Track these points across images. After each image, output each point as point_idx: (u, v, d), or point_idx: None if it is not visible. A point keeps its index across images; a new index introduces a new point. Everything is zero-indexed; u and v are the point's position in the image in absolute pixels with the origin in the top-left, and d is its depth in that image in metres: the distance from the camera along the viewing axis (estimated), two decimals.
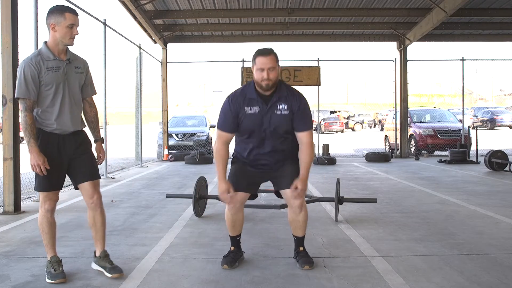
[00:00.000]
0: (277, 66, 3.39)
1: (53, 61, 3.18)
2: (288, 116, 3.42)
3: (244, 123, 3.44)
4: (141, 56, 12.22)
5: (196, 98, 62.24)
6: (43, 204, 3.29)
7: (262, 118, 3.41)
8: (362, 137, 27.96)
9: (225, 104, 3.49)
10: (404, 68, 14.39)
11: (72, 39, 3.19)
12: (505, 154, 10.10)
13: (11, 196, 5.71)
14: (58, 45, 3.19)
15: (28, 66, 3.11)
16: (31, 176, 6.94)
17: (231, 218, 3.59)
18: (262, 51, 3.39)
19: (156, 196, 7.00)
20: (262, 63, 3.33)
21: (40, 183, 3.24)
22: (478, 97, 62.12)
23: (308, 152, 3.44)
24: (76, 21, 3.18)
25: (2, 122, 5.80)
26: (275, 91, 3.43)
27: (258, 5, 12.01)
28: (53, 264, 3.24)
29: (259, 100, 3.42)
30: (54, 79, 3.16)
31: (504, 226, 4.85)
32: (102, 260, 3.36)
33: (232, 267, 3.53)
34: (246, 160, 3.58)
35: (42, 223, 3.29)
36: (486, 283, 3.16)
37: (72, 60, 3.28)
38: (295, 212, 3.51)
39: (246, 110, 3.42)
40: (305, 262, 3.50)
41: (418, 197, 6.75)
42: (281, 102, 3.42)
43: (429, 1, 11.31)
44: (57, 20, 3.13)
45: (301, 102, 3.45)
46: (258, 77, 3.37)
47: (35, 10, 6.41)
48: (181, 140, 14.15)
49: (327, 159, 12.15)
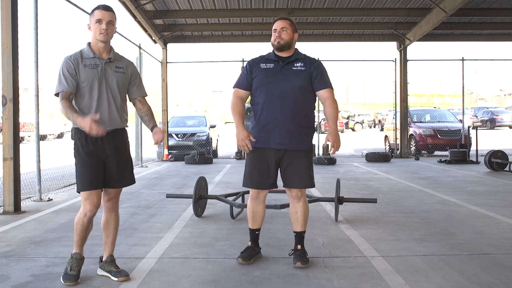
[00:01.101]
0: (290, 29, 3.54)
1: (92, 58, 3.20)
2: (304, 72, 3.53)
3: (257, 78, 3.56)
4: (141, 56, 12.22)
5: (196, 98, 62.19)
6: (84, 206, 3.20)
7: (276, 73, 3.53)
8: (362, 137, 27.96)
9: (244, 66, 3.69)
10: (404, 68, 14.40)
11: (103, 35, 3.15)
12: (505, 154, 10.10)
13: (11, 196, 5.71)
14: (97, 44, 3.21)
15: (65, 62, 3.16)
16: (31, 176, 6.98)
17: (252, 209, 3.66)
18: (279, 17, 3.63)
19: (156, 196, 7.00)
20: (276, 25, 3.56)
21: (80, 181, 3.17)
22: (478, 97, 62.08)
23: (333, 105, 3.55)
24: (104, 16, 3.15)
25: (2, 122, 5.80)
26: (293, 54, 3.60)
27: (258, 5, 12.02)
28: (73, 261, 3.22)
29: (276, 59, 3.58)
30: (90, 76, 3.16)
31: (504, 226, 4.85)
32: (108, 264, 3.33)
33: (248, 262, 3.56)
34: (257, 131, 3.54)
35: (77, 224, 3.24)
36: (486, 283, 3.15)
37: (114, 60, 3.28)
38: (293, 203, 3.63)
39: (261, 66, 3.58)
40: (298, 259, 3.51)
41: (418, 197, 6.75)
42: (298, 61, 3.57)
43: (429, 1, 11.31)
44: (90, 19, 3.21)
45: (318, 64, 3.61)
46: (272, 38, 3.57)
47: (35, 10, 6.42)
48: (181, 140, 14.15)
49: (327, 159, 12.15)
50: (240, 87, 3.63)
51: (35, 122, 6.47)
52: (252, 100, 3.64)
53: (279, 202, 4.94)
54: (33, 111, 6.42)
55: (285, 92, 3.48)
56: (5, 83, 5.75)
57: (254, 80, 3.57)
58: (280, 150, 3.51)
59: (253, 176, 3.57)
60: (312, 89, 3.56)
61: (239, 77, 3.68)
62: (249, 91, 3.62)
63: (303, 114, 3.53)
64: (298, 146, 3.53)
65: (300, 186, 3.57)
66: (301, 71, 3.52)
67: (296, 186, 3.56)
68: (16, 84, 5.79)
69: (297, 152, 3.53)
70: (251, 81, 3.58)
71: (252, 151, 3.55)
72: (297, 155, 3.54)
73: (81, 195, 3.21)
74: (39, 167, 6.46)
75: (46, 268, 3.52)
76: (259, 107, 3.54)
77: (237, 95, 3.62)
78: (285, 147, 3.50)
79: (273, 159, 3.53)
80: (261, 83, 3.53)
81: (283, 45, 3.52)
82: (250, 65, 3.62)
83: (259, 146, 3.52)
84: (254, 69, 3.58)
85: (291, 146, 3.50)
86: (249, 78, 3.59)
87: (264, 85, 3.52)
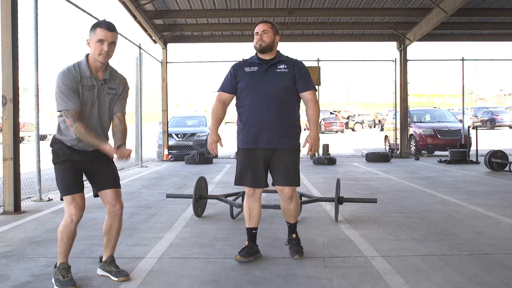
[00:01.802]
0: (271, 31, 3.67)
1: (89, 78, 3.11)
2: (287, 74, 3.64)
3: (243, 81, 3.65)
4: (141, 56, 12.22)
5: (196, 98, 62.20)
6: (68, 211, 3.13)
7: (261, 76, 3.63)
8: (362, 137, 27.96)
9: (228, 70, 3.77)
10: (404, 68, 14.40)
11: (102, 56, 3.06)
12: (505, 154, 10.09)
13: (11, 196, 5.71)
14: (95, 62, 3.11)
15: (66, 77, 3.03)
16: (31, 176, 6.98)
17: (248, 207, 3.74)
18: (260, 21, 3.76)
19: (156, 196, 7.00)
20: (258, 28, 3.68)
21: (62, 186, 3.13)
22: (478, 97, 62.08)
23: (314, 108, 3.68)
24: (107, 37, 3.04)
25: (2, 122, 5.80)
26: (276, 57, 3.71)
27: (258, 5, 12.02)
28: (62, 271, 3.13)
29: (259, 62, 3.69)
30: (86, 99, 3.09)
31: (504, 226, 4.84)
32: (108, 264, 3.31)
33: (247, 259, 3.61)
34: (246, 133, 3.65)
35: (63, 232, 3.16)
36: (486, 283, 3.15)
37: (108, 80, 3.19)
38: (286, 202, 3.76)
39: (245, 69, 3.68)
40: (296, 251, 3.71)
41: (418, 197, 6.75)
42: (281, 63, 3.69)
43: (429, 1, 11.31)
44: (90, 35, 3.08)
45: (301, 65, 3.72)
46: (254, 41, 3.68)
47: (35, 10, 6.42)
48: (181, 140, 14.16)
49: (327, 159, 12.15)
50: (224, 90, 3.74)
51: (35, 122, 6.47)
52: (237, 103, 3.75)
53: (279, 202, 4.92)
54: (33, 111, 6.42)
55: (270, 94, 3.59)
56: (5, 83, 5.75)
57: (239, 84, 3.67)
58: (268, 149, 3.64)
59: (245, 175, 3.68)
60: (295, 89, 3.68)
61: (223, 81, 3.77)
62: (233, 95, 3.74)
63: (288, 114, 3.66)
64: (285, 145, 3.65)
65: (287, 184, 3.68)
66: (284, 73, 3.65)
67: (282, 183, 3.67)
68: (16, 84, 5.79)
69: (284, 151, 3.65)
70: (235, 84, 3.69)
71: (242, 152, 3.70)
72: (285, 153, 3.66)
73: (65, 200, 3.15)
74: (39, 167, 6.46)
75: (46, 268, 3.51)
76: (245, 109, 3.66)
77: (220, 98, 3.75)
78: (272, 146, 3.62)
79: (262, 159, 3.65)
80: (246, 86, 3.64)
81: (265, 47, 3.65)
82: (234, 69, 3.72)
83: (249, 147, 3.66)
84: (238, 72, 3.69)
85: (279, 145, 3.63)
86: (233, 81, 3.70)
87: (249, 87, 3.64)
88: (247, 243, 3.76)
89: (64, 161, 3.15)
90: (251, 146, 3.64)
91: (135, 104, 12.80)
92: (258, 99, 3.59)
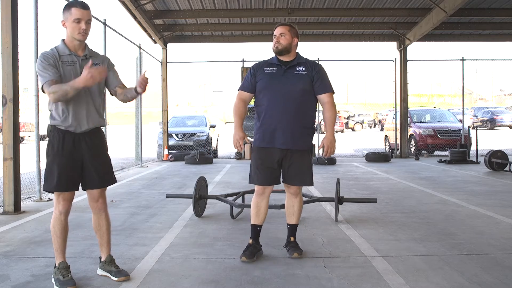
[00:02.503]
0: (288, 34, 3.69)
1: (68, 55, 3.13)
2: (306, 76, 3.69)
3: (261, 81, 3.71)
4: (141, 56, 12.22)
5: (196, 98, 62.19)
6: (58, 205, 3.15)
7: (279, 77, 3.68)
8: (362, 137, 27.96)
9: (249, 70, 3.85)
10: (404, 68, 14.39)
11: (81, 34, 3.10)
12: (505, 154, 10.09)
13: (11, 196, 5.71)
14: (73, 41, 3.14)
15: (44, 57, 3.06)
16: (31, 176, 6.98)
17: (256, 204, 3.78)
18: (279, 23, 3.79)
19: (156, 196, 7.00)
20: (275, 31, 3.73)
21: (52, 182, 3.11)
22: (478, 97, 62.06)
23: (331, 110, 3.73)
24: (84, 16, 3.08)
25: (2, 122, 5.80)
26: (295, 59, 3.75)
27: (258, 5, 12.01)
28: (62, 270, 3.13)
29: (279, 64, 3.73)
30: (68, 74, 3.09)
31: (504, 226, 4.85)
32: (108, 264, 3.31)
33: (251, 260, 3.62)
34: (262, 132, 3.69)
35: (55, 226, 3.17)
36: (486, 283, 3.15)
37: (90, 57, 3.20)
38: (292, 199, 3.81)
39: (265, 70, 3.74)
40: (294, 250, 3.74)
41: (418, 197, 6.75)
42: (300, 65, 3.73)
43: (429, 1, 11.31)
44: (65, 16, 3.11)
45: (319, 68, 3.77)
46: (272, 45, 3.74)
47: (35, 10, 6.42)
48: (181, 140, 14.15)
49: (327, 159, 12.15)
50: (244, 89, 3.81)
51: (35, 122, 6.47)
52: (256, 102, 3.81)
53: (279, 202, 4.94)
54: (33, 111, 6.42)
55: (288, 95, 3.64)
56: (5, 83, 5.74)
57: (258, 83, 3.73)
58: (283, 149, 3.68)
59: (258, 173, 3.72)
60: (313, 91, 3.72)
61: (243, 80, 3.87)
62: (252, 94, 3.80)
63: (305, 115, 3.71)
64: (301, 146, 3.71)
65: (301, 184, 3.78)
66: (302, 75, 3.69)
67: (297, 183, 3.76)
68: (16, 84, 5.79)
69: (299, 152, 3.72)
70: (255, 84, 3.75)
71: (258, 150, 3.75)
72: (299, 154, 3.72)
73: (54, 195, 3.16)
74: (39, 167, 6.45)
75: (46, 268, 3.51)
76: (263, 108, 3.70)
77: (240, 97, 3.81)
78: (288, 146, 3.67)
79: (277, 158, 3.70)
80: (265, 86, 3.70)
81: (282, 50, 3.71)
82: (254, 69, 3.80)
83: (265, 146, 3.70)
84: (258, 72, 3.75)
85: (294, 145, 3.68)
86: (253, 81, 3.76)
87: (267, 88, 3.69)
88: (251, 241, 3.77)
89: (61, 155, 3.11)
90: (268, 145, 3.68)
91: (135, 104, 12.81)
92: (275, 100, 3.65)
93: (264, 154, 3.70)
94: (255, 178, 3.74)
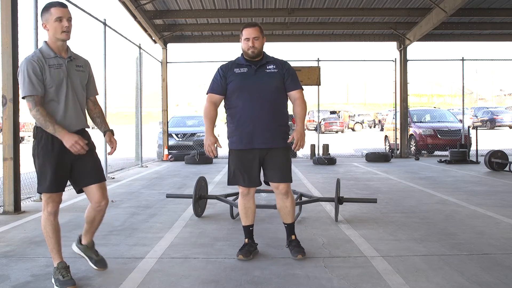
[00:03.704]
0: (261, 37, 3.70)
1: (54, 58, 3.11)
2: (277, 73, 3.71)
3: (233, 82, 3.69)
4: (141, 56, 12.22)
5: (196, 98, 62.18)
6: (46, 206, 3.17)
7: (251, 77, 3.68)
8: (362, 137, 27.96)
9: (216, 72, 3.80)
10: (404, 68, 14.39)
11: (65, 33, 3.08)
12: (505, 154, 10.09)
13: (11, 196, 5.71)
14: (55, 42, 3.12)
15: (30, 64, 3.02)
16: (31, 176, 6.97)
17: (243, 205, 3.81)
18: (248, 24, 3.76)
19: (156, 196, 7.00)
20: (248, 34, 3.68)
21: (45, 184, 3.13)
22: (478, 97, 62.07)
23: (301, 105, 3.75)
24: (64, 14, 3.07)
25: (2, 122, 5.79)
26: (263, 58, 3.76)
27: (258, 5, 12.01)
28: (61, 270, 3.13)
29: (248, 64, 3.73)
30: (56, 77, 3.08)
31: (504, 226, 4.84)
32: (89, 250, 3.38)
33: (248, 258, 3.66)
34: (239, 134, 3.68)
35: (46, 227, 3.18)
36: (486, 283, 3.15)
37: (73, 58, 3.21)
38: (282, 199, 3.80)
39: (235, 71, 3.72)
40: (298, 251, 3.71)
41: (418, 197, 6.75)
42: (269, 64, 3.75)
43: (429, 1, 11.31)
44: (46, 17, 3.09)
45: (288, 65, 3.80)
46: (245, 47, 3.71)
47: (35, 10, 6.42)
48: (181, 140, 14.15)
49: (327, 159, 12.15)
50: (214, 92, 3.76)
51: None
52: (228, 104, 3.78)
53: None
54: None
55: (262, 94, 3.65)
56: (5, 83, 5.74)
57: (230, 85, 3.70)
58: (263, 149, 3.69)
59: (240, 175, 3.73)
60: (284, 89, 3.75)
61: (212, 83, 3.81)
62: (223, 96, 3.76)
63: (279, 113, 3.74)
64: (280, 144, 3.72)
65: (282, 181, 3.74)
66: (274, 73, 3.72)
67: (278, 180, 3.73)
68: (16, 84, 5.78)
69: (278, 149, 3.73)
70: (225, 86, 3.72)
71: (235, 153, 3.74)
72: (278, 151, 3.73)
73: (43, 196, 3.18)
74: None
75: (46, 268, 3.51)
76: (238, 110, 3.68)
77: (211, 100, 3.75)
78: (268, 145, 3.68)
79: (257, 158, 3.71)
80: (237, 87, 3.68)
81: (257, 54, 3.72)
82: (223, 70, 3.76)
83: (243, 148, 3.70)
84: (228, 74, 3.72)
85: (273, 144, 3.69)
86: (223, 83, 3.72)
87: (241, 88, 3.67)
88: (246, 241, 3.82)
89: (50, 156, 3.09)
90: (247, 146, 3.68)
91: (135, 104, 12.81)
92: (250, 100, 3.64)
93: (244, 156, 3.70)
94: (238, 180, 3.74)
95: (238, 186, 3.82)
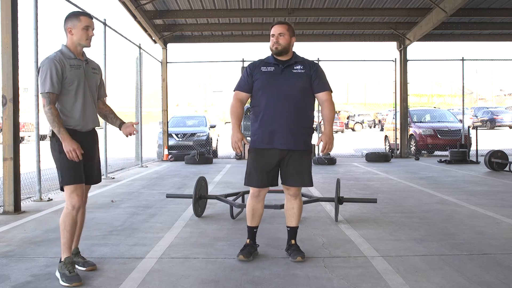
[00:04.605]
0: (287, 34, 3.65)
1: (74, 59, 3.34)
2: (304, 74, 3.65)
3: (259, 80, 3.66)
4: (141, 56, 12.22)
5: (196, 98, 62.21)
6: (71, 200, 3.25)
7: (277, 76, 3.63)
8: (362, 137, 27.96)
9: (244, 69, 3.83)
10: (404, 68, 14.40)
11: (89, 40, 3.37)
12: (505, 154, 10.09)
13: (11, 196, 5.71)
14: (76, 47, 3.36)
15: (52, 63, 3.23)
16: (31, 176, 6.97)
17: (252, 207, 3.76)
18: (276, 21, 3.74)
19: (156, 196, 7.00)
20: (274, 30, 3.68)
21: (68, 175, 3.24)
22: (478, 97, 62.05)
23: (329, 107, 3.68)
24: (91, 24, 3.38)
25: (2, 122, 5.80)
26: (292, 57, 3.71)
27: (258, 5, 12.02)
28: (68, 265, 3.20)
29: (276, 63, 3.69)
30: (76, 76, 3.30)
31: (504, 226, 4.85)
32: (75, 256, 3.45)
33: (248, 259, 3.64)
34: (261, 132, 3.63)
35: (65, 221, 3.25)
36: (486, 283, 3.16)
37: (89, 61, 3.47)
38: (291, 201, 3.76)
39: (262, 69, 3.69)
40: (297, 254, 3.67)
41: (418, 197, 6.75)
42: (297, 64, 3.69)
43: (429, 1, 11.31)
44: (73, 23, 3.33)
45: (317, 66, 3.74)
46: (270, 43, 3.68)
47: (35, 10, 6.41)
48: (181, 140, 14.15)
49: (327, 159, 12.15)
50: (241, 89, 3.74)
51: (35, 122, 6.47)
52: (253, 102, 3.74)
53: (279, 202, 4.94)
54: (33, 111, 6.42)
55: (287, 94, 3.59)
56: (5, 83, 5.74)
57: (255, 83, 3.67)
58: (283, 150, 3.62)
59: (255, 175, 3.67)
60: (311, 90, 3.68)
61: (239, 80, 3.79)
62: (249, 94, 3.74)
63: (304, 114, 3.67)
64: (301, 146, 3.66)
65: (301, 185, 3.73)
66: (301, 74, 3.65)
67: (296, 184, 3.71)
68: (16, 84, 5.79)
69: (299, 152, 3.66)
70: (252, 83, 3.69)
71: (255, 151, 3.69)
72: (299, 154, 3.67)
73: (67, 189, 3.27)
74: (39, 167, 6.46)
75: (46, 268, 3.51)
76: (261, 108, 3.64)
77: (237, 97, 3.74)
78: (289, 147, 3.62)
79: (276, 159, 3.65)
80: (262, 86, 3.64)
81: (281, 51, 3.66)
82: (250, 68, 3.74)
83: (264, 147, 3.64)
84: (254, 72, 3.69)
85: (294, 146, 3.63)
86: (249, 81, 3.70)
87: (266, 87, 3.63)
88: (248, 241, 3.80)
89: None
90: (267, 146, 3.63)
91: (135, 104, 12.81)
92: (274, 99, 3.60)
93: (263, 155, 3.65)
94: (252, 180, 3.69)
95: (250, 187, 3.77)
